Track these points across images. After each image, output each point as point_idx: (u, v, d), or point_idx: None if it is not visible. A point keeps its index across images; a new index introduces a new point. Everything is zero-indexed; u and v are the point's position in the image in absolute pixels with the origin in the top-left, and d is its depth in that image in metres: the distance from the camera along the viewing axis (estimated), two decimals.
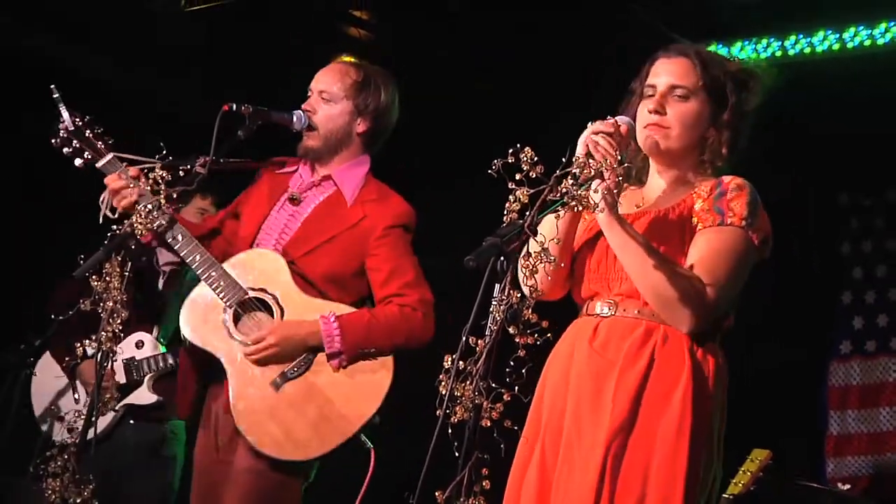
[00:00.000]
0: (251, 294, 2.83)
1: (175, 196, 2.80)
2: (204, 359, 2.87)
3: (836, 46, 4.56)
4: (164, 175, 2.73)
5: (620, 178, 2.11)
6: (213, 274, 2.81)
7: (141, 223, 2.71)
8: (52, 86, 2.84)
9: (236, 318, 2.83)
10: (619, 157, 2.09)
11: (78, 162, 2.87)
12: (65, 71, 4.90)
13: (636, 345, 2.15)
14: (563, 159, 1.93)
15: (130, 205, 2.78)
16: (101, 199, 2.82)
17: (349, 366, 2.78)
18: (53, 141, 2.88)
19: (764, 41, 4.71)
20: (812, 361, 5.00)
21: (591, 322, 2.22)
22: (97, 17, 4.78)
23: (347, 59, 4.89)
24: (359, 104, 2.95)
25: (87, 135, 2.88)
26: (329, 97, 2.95)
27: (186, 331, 2.85)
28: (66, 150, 2.88)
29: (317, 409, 2.75)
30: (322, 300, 2.85)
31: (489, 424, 1.85)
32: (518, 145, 1.87)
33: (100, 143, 2.88)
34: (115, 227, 2.76)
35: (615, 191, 2.08)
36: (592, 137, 2.08)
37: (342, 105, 2.95)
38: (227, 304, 2.82)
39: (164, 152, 2.76)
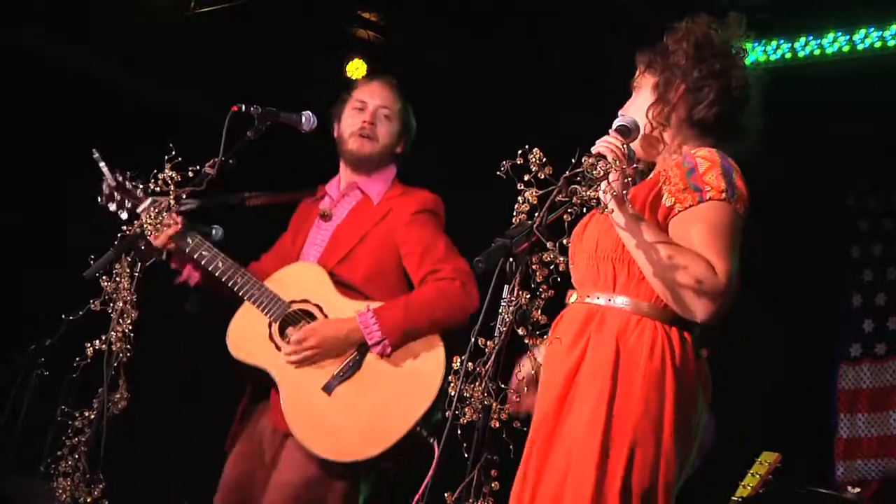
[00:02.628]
0: (294, 307, 2.86)
1: (185, 196, 2.81)
2: (256, 380, 2.91)
3: (846, 48, 4.54)
4: (173, 176, 2.74)
5: (629, 180, 2.11)
6: (255, 292, 2.87)
7: (150, 223, 2.73)
8: (94, 150, 2.98)
9: (282, 332, 2.86)
10: (626, 153, 2.09)
11: (123, 215, 2.97)
12: (71, 73, 4.94)
13: (574, 331, 2.16)
14: (573, 160, 1.92)
15: (167, 237, 2.91)
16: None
17: (394, 351, 2.77)
18: (99, 199, 3.00)
19: (773, 43, 4.69)
20: (822, 364, 4.99)
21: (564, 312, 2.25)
22: (103, 20, 4.80)
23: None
24: (402, 129, 3.07)
25: (127, 186, 2.98)
26: (389, 115, 3.05)
27: (234, 350, 2.88)
28: (111, 205, 2.99)
29: (369, 410, 2.74)
30: (367, 302, 2.85)
31: (498, 425, 1.85)
32: (527, 146, 1.87)
33: (138, 190, 2.98)
34: (124, 227, 2.79)
35: (624, 191, 2.08)
36: (604, 138, 2.09)
37: (396, 126, 3.06)
38: (272, 318, 2.85)
39: (174, 153, 2.77)
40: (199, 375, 4.67)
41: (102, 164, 2.98)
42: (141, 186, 2.97)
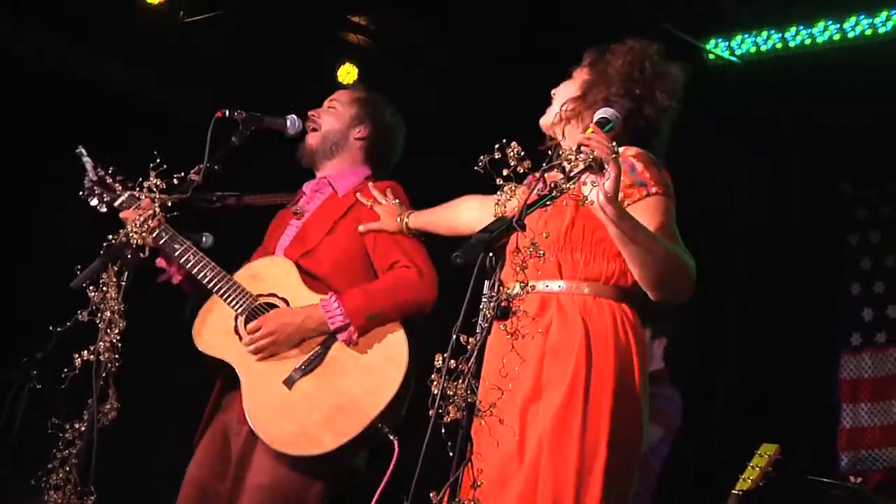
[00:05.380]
0: (261, 300, 2.85)
1: (170, 204, 2.81)
2: (223, 375, 2.89)
3: (836, 37, 4.53)
4: (158, 183, 2.73)
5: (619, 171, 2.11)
6: (224, 286, 2.85)
7: (136, 232, 2.72)
8: (80, 147, 3.03)
9: (248, 325, 2.84)
10: (614, 148, 2.07)
11: (103, 209, 3.00)
12: (65, 74, 4.95)
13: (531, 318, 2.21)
14: (549, 152, 1.91)
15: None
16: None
17: (360, 337, 2.75)
18: (81, 194, 3.02)
19: (764, 33, 4.68)
20: (823, 354, 4.96)
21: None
22: (107, 22, 4.81)
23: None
24: (358, 113, 3.07)
25: (107, 181, 3.01)
26: (336, 106, 3.09)
27: (199, 343, 2.87)
28: (92, 200, 3.01)
29: (331, 403, 2.71)
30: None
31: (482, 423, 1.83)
32: (504, 140, 1.86)
33: (117, 185, 3.00)
34: (110, 236, 2.77)
35: (607, 182, 2.06)
36: (587, 134, 2.08)
37: (343, 111, 3.07)
38: (239, 311, 2.84)
39: (159, 160, 2.75)
40: (192, 386, 4.65)
41: (86, 159, 3.02)
42: (119, 180, 2.99)
